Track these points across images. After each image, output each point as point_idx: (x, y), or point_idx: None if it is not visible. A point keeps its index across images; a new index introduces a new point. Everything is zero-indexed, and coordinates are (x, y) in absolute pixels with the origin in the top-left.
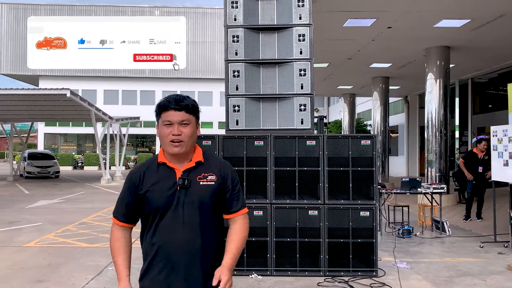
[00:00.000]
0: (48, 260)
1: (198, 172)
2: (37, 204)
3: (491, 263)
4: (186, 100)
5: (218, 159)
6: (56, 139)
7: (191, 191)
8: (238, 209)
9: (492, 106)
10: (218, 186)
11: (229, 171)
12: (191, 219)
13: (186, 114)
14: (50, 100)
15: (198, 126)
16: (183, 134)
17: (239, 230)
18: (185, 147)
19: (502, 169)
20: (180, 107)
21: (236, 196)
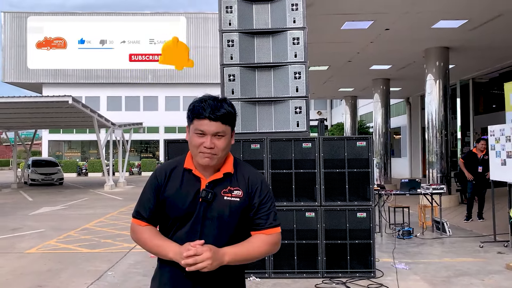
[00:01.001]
0: (49, 265)
1: (225, 185)
2: (40, 211)
3: (490, 263)
4: (224, 108)
5: (249, 171)
6: (60, 146)
7: (214, 205)
8: (266, 227)
9: (494, 106)
10: (243, 203)
11: (258, 187)
12: (210, 237)
13: (222, 125)
14: (53, 107)
15: (233, 134)
16: (216, 147)
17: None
18: (216, 160)
19: (500, 168)
20: (216, 116)
21: (262, 214)
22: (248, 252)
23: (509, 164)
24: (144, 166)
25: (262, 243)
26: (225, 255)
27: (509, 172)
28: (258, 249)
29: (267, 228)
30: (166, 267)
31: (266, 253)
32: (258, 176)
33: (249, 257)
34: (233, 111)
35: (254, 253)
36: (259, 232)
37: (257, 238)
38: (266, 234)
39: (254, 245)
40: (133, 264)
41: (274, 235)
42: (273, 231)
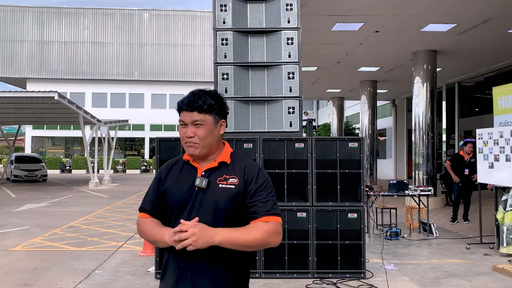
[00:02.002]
0: (35, 263)
1: (220, 173)
2: (24, 207)
3: (477, 264)
4: (201, 100)
5: (246, 161)
6: (44, 142)
7: (208, 193)
8: (262, 215)
9: (478, 109)
10: (239, 191)
11: (255, 175)
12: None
13: (200, 114)
14: (38, 103)
15: (222, 124)
16: (196, 135)
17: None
18: (200, 149)
19: (487, 171)
20: (192, 107)
21: (259, 201)
22: (242, 237)
23: (497, 167)
24: (129, 164)
25: (258, 229)
26: (216, 234)
27: (496, 175)
28: (254, 235)
29: (264, 215)
30: (166, 254)
31: (264, 242)
32: (256, 166)
33: (244, 242)
34: (213, 102)
35: (249, 239)
36: (257, 220)
37: (254, 224)
38: (263, 221)
39: (250, 230)
40: (122, 263)
41: (272, 223)
42: (270, 219)
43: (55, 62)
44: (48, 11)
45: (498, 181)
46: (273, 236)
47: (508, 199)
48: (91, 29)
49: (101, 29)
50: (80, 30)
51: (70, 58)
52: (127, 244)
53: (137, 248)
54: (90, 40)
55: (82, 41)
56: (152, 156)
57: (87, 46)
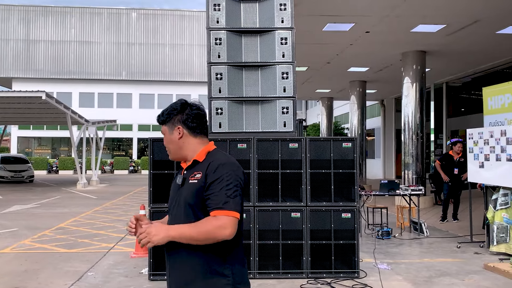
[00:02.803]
0: (25, 266)
1: (192, 171)
2: (11, 209)
3: (468, 263)
4: (161, 112)
5: (216, 158)
6: (30, 142)
7: (182, 190)
8: (212, 209)
9: (465, 109)
10: (200, 185)
11: (214, 169)
12: (177, 219)
13: (162, 126)
14: (25, 102)
15: (177, 129)
16: (165, 144)
17: (203, 221)
18: (172, 155)
19: (477, 171)
20: (159, 123)
21: (212, 195)
22: (190, 230)
23: (487, 166)
24: (116, 165)
25: (207, 221)
26: (169, 229)
27: (486, 175)
28: (200, 229)
29: (214, 209)
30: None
31: (210, 236)
32: (221, 161)
33: (192, 235)
34: (161, 115)
35: (199, 230)
36: (210, 213)
37: (205, 219)
38: (213, 215)
39: (198, 224)
40: (114, 265)
41: (219, 217)
42: (218, 213)
43: (41, 61)
44: (34, 9)
45: (488, 181)
46: (219, 230)
47: (498, 198)
48: (78, 28)
49: (89, 28)
50: (67, 29)
51: (57, 57)
52: (118, 246)
53: (128, 250)
54: (77, 40)
55: (69, 40)
56: (141, 157)
57: (74, 45)
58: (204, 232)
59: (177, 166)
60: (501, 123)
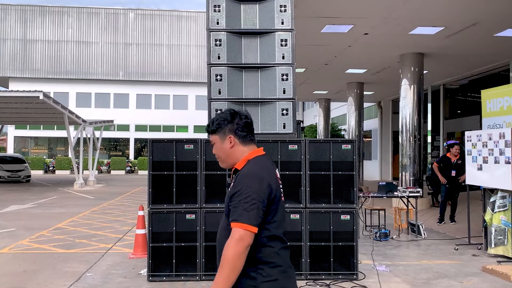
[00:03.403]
0: (23, 266)
1: (234, 177)
2: (8, 209)
3: (466, 265)
4: (208, 124)
5: (247, 168)
6: (27, 142)
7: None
8: (230, 220)
9: (462, 112)
10: (230, 192)
11: (238, 182)
12: (222, 219)
13: (211, 135)
14: (22, 102)
15: (228, 138)
16: (215, 153)
17: (223, 249)
18: (223, 164)
19: (475, 173)
20: (208, 131)
21: (231, 206)
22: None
23: (485, 169)
24: (113, 165)
25: (223, 254)
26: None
27: (485, 177)
28: (227, 249)
29: (231, 221)
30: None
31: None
32: (247, 171)
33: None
34: (211, 124)
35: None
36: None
37: (222, 255)
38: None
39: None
40: (112, 265)
41: (234, 229)
42: (233, 225)
43: (38, 61)
44: (32, 9)
45: (486, 183)
46: (236, 242)
47: (496, 201)
48: (76, 28)
49: (86, 28)
50: (64, 29)
51: (54, 57)
52: (116, 246)
53: (127, 250)
54: (74, 39)
55: (66, 40)
56: (137, 157)
57: (71, 45)
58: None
59: (177, 167)
60: (499, 125)
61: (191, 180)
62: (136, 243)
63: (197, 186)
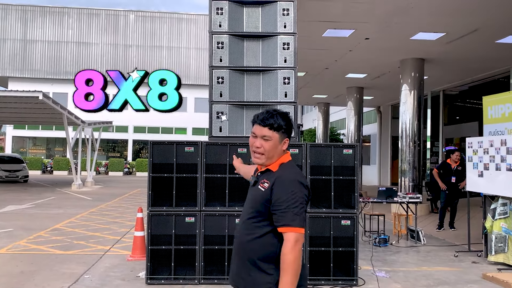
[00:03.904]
0: (21, 267)
1: (264, 177)
2: (5, 209)
3: (466, 272)
4: (272, 119)
5: (286, 172)
6: (25, 142)
7: (253, 190)
8: (279, 226)
9: (461, 118)
10: (267, 194)
11: (278, 187)
12: (244, 216)
13: (270, 130)
14: (21, 102)
15: (285, 141)
16: (263, 147)
17: (282, 255)
18: (264, 159)
19: (476, 180)
20: (264, 124)
21: (278, 211)
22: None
23: (486, 176)
24: (111, 166)
25: (284, 256)
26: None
27: (486, 184)
28: (284, 262)
29: (282, 226)
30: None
31: (293, 254)
32: (288, 177)
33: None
34: (283, 123)
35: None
36: (279, 229)
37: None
38: (283, 231)
39: (285, 262)
40: (110, 267)
41: (287, 234)
42: (286, 229)
43: (38, 61)
44: (32, 9)
45: (487, 190)
46: (295, 249)
47: (497, 208)
48: (76, 29)
49: (86, 29)
50: (64, 30)
51: (54, 57)
52: (114, 248)
53: (125, 252)
54: (74, 40)
55: (66, 41)
56: (135, 159)
57: (71, 46)
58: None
59: (177, 169)
60: (501, 132)
61: (191, 182)
62: (134, 245)
63: (197, 189)
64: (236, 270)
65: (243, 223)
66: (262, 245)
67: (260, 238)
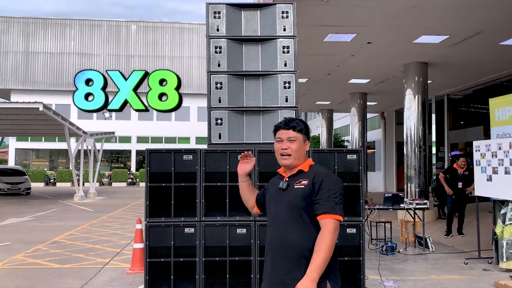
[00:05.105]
0: (16, 282)
1: (297, 178)
2: (5, 222)
3: (477, 280)
4: (294, 122)
5: (320, 170)
6: (28, 154)
7: (287, 193)
8: (321, 213)
9: (466, 122)
10: (308, 189)
11: (322, 178)
12: (282, 217)
13: (294, 132)
14: (22, 114)
15: (307, 143)
16: (290, 148)
17: (320, 238)
18: (292, 160)
19: (485, 184)
20: (288, 127)
21: (321, 200)
22: (321, 254)
23: (495, 180)
24: (115, 177)
25: (322, 238)
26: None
27: (495, 188)
28: (325, 245)
29: (322, 213)
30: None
31: (332, 242)
32: (326, 172)
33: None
34: (303, 125)
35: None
36: (319, 217)
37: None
38: (325, 218)
39: (320, 244)
40: (109, 281)
41: (327, 220)
42: (326, 216)
43: (40, 73)
44: (34, 22)
45: (496, 194)
46: (334, 234)
47: (507, 213)
48: (78, 40)
49: (88, 40)
50: (66, 41)
51: (56, 69)
52: (114, 261)
53: (124, 265)
54: (76, 52)
55: (68, 52)
56: (139, 169)
57: (73, 57)
58: (329, 247)
59: (176, 178)
60: (509, 135)
61: (190, 192)
62: (134, 258)
63: (196, 198)
64: (284, 271)
65: (282, 225)
66: (309, 238)
67: (308, 232)
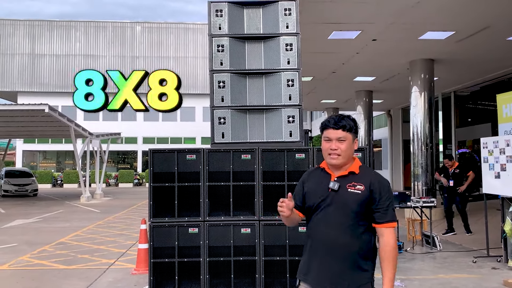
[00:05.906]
0: (22, 284)
1: (349, 180)
2: (12, 223)
3: (486, 279)
4: (344, 121)
5: (372, 173)
6: (35, 156)
7: (340, 195)
8: (382, 222)
9: (473, 119)
10: (364, 196)
11: (378, 186)
12: (335, 219)
13: (343, 132)
14: (28, 116)
15: (356, 141)
16: (339, 149)
17: (384, 247)
18: (341, 160)
19: (493, 182)
20: (338, 126)
21: (382, 209)
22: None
23: (503, 177)
24: (121, 178)
25: (384, 244)
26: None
27: (503, 186)
28: (387, 252)
29: (384, 223)
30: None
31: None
32: (381, 178)
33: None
34: (352, 124)
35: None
36: (378, 225)
37: (380, 246)
38: (386, 226)
39: (387, 257)
40: (113, 282)
41: (389, 229)
42: (388, 225)
43: (46, 75)
44: (40, 24)
45: (505, 192)
46: (395, 243)
47: None
48: (83, 41)
49: (93, 41)
50: (72, 43)
51: (62, 71)
52: (119, 262)
53: (129, 266)
54: (82, 53)
55: (74, 54)
56: (145, 169)
57: (79, 59)
58: (394, 257)
59: (179, 178)
60: None
61: (193, 191)
62: (138, 258)
63: (200, 198)
64: (336, 273)
65: (335, 226)
66: (363, 243)
67: (361, 237)
